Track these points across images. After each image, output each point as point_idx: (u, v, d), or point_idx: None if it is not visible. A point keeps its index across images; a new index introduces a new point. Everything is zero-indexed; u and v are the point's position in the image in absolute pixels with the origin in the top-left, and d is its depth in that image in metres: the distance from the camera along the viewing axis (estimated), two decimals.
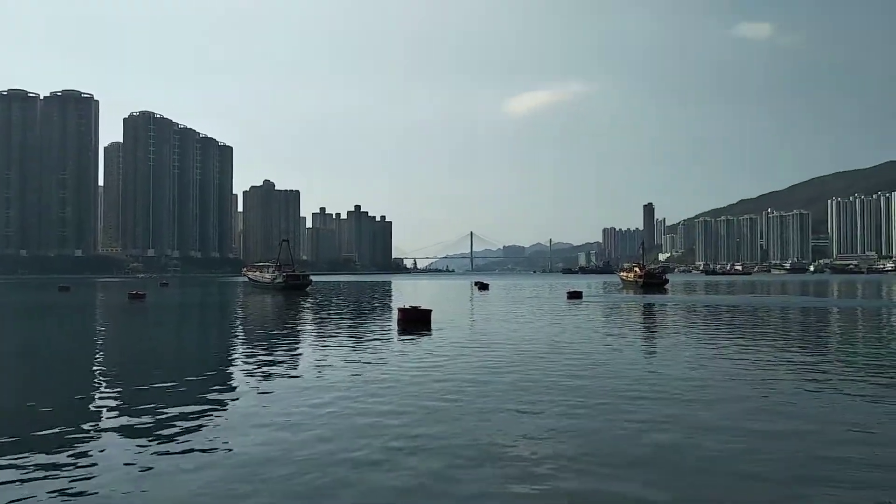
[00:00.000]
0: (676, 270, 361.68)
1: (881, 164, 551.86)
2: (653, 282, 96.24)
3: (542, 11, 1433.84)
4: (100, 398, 14.70)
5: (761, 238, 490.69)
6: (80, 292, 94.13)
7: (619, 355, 21.05)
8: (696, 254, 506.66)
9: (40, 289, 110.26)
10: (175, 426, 11.69)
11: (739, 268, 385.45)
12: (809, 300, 59.63)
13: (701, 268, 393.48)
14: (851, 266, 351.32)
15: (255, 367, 19.13)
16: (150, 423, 12.02)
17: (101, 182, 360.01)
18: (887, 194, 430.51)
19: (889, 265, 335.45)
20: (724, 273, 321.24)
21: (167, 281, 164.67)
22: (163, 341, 29.56)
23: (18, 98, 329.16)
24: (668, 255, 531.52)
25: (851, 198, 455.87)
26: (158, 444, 10.54)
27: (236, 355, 22.95)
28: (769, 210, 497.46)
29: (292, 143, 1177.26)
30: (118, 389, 15.75)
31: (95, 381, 17.26)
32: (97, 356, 22.93)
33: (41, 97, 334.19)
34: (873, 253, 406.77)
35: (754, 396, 14.09)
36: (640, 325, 34.93)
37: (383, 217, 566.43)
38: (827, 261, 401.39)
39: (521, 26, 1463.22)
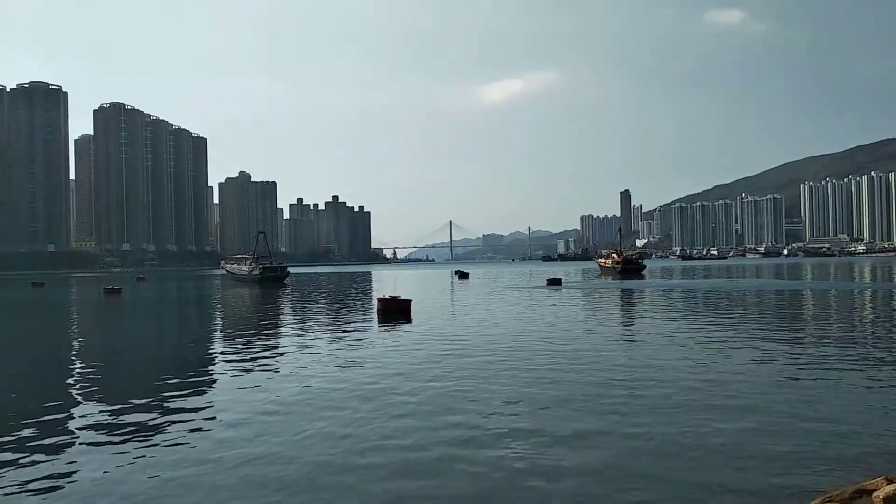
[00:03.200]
0: (654, 256, 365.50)
1: (849, 148, 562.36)
2: (630, 267, 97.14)
3: (512, 0, 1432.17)
4: (76, 396, 14.44)
5: (736, 223, 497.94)
6: (55, 288, 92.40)
7: (600, 342, 21.16)
8: (672, 239, 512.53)
9: (13, 285, 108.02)
10: (152, 423, 11.52)
11: (715, 252, 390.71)
12: (784, 283, 60.61)
13: (678, 253, 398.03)
14: (824, 249, 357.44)
15: (233, 361, 18.92)
16: (124, 421, 11.82)
17: (72, 176, 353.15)
18: (857, 178, 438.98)
19: (860, 247, 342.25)
20: (700, 258, 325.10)
21: (143, 275, 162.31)
22: (140, 337, 29.15)
23: None
24: (646, 241, 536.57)
25: (823, 182, 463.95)
26: (133, 443, 10.37)
27: (213, 350, 22.71)
28: (743, 195, 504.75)
29: (268, 136, 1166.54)
30: (94, 387, 15.47)
31: (71, 378, 16.94)
32: (73, 353, 22.54)
33: (7, 90, 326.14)
34: (845, 236, 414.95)
35: (725, 379, 14.26)
36: (618, 310, 35.23)
37: (361, 207, 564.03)
38: (800, 244, 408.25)
39: (493, 15, 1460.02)
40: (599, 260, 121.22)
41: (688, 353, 18.12)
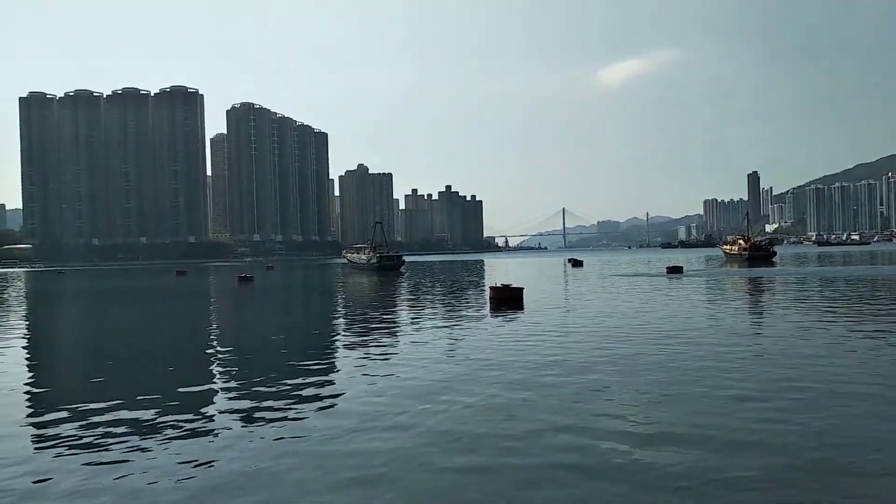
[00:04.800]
0: (785, 242, 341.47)
1: None
2: (759, 254, 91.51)
3: None
4: (214, 375, 15.72)
5: (881, 205, 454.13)
6: (196, 276, 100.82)
7: (730, 338, 20.05)
8: (807, 224, 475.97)
9: (160, 273, 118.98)
10: (280, 403, 12.29)
11: (857, 237, 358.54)
12: None
13: (813, 239, 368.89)
14: None
15: (353, 346, 19.70)
16: (265, 405, 12.68)
17: (209, 172, 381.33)
18: None
19: None
20: (839, 244, 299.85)
21: (272, 264, 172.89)
22: (270, 322, 31.11)
23: (132, 96, 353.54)
24: (776, 225, 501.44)
25: None
26: (271, 427, 11.12)
27: (335, 335, 23.79)
28: (890, 174, 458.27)
29: (380, 127, 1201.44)
30: (230, 368, 16.73)
31: (210, 359, 18.42)
32: (212, 336, 24.48)
33: (152, 94, 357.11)
34: None
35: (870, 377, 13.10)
36: (747, 301, 33.19)
37: (474, 196, 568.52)
38: None
39: None
40: (724, 247, 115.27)
41: (838, 355, 16.82)
